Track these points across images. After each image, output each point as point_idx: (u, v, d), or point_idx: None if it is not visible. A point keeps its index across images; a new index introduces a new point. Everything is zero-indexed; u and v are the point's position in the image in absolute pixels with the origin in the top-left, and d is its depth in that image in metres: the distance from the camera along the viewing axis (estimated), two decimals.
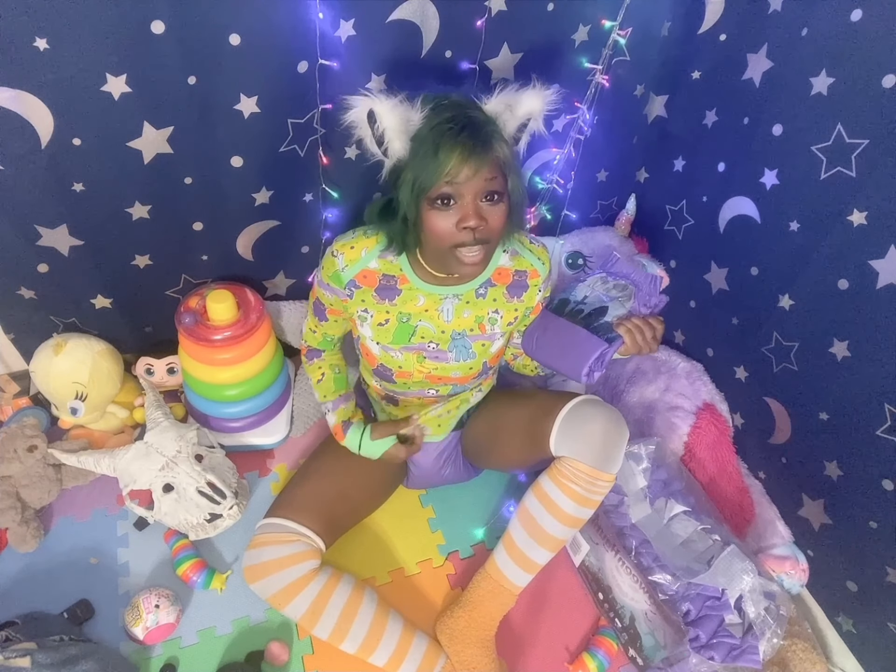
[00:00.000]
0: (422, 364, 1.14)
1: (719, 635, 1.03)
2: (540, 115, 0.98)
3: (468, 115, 0.92)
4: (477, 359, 1.15)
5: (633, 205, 1.61)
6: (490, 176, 0.92)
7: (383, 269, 1.08)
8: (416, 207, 0.94)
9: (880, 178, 0.94)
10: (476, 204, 0.92)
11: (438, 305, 1.10)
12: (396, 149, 0.93)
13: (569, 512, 1.08)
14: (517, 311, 1.15)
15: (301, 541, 1.10)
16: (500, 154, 0.93)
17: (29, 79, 0.96)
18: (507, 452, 1.25)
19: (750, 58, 1.16)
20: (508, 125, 0.97)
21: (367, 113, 0.92)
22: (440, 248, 0.97)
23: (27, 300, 1.28)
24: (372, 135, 0.94)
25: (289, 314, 1.49)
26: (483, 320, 1.13)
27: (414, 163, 0.92)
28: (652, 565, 1.10)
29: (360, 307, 1.11)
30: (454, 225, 0.93)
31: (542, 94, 0.96)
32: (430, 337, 1.12)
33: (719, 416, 1.35)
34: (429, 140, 0.90)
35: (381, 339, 1.12)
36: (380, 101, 0.91)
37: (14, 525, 1.21)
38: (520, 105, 0.96)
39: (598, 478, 1.06)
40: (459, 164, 0.89)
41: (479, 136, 0.90)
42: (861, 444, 1.06)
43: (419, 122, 0.92)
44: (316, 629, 1.07)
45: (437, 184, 0.90)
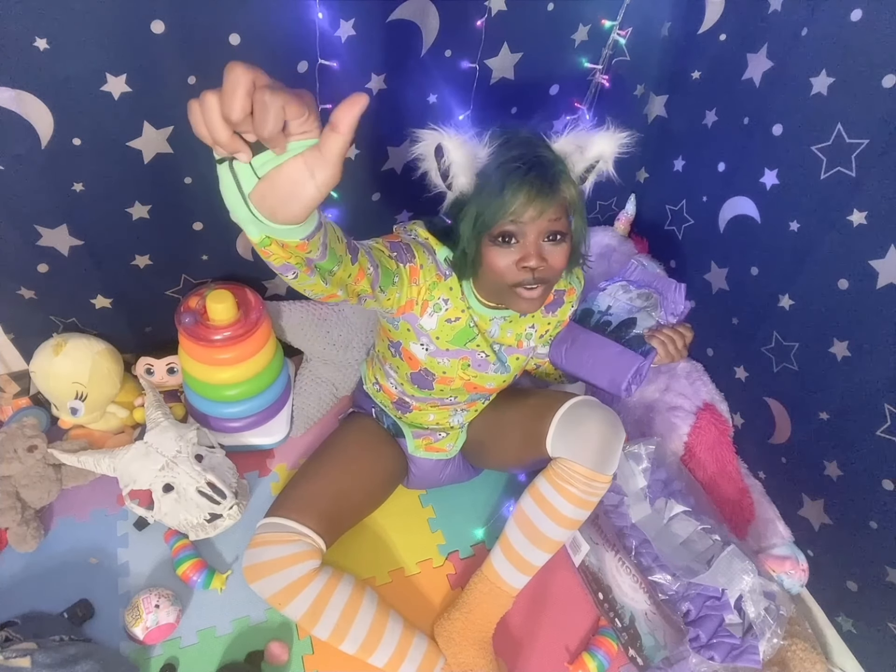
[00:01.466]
0: (465, 371, 1.13)
1: (719, 635, 1.03)
2: (610, 158, 0.96)
3: (537, 154, 0.90)
4: (511, 373, 1.17)
5: (632, 205, 1.61)
6: (555, 217, 0.91)
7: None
8: (477, 243, 0.94)
9: (880, 178, 0.94)
10: (538, 244, 0.92)
11: (488, 327, 1.11)
12: (462, 184, 0.92)
13: (565, 514, 1.07)
14: (550, 324, 1.17)
15: (301, 540, 1.10)
16: (567, 195, 0.92)
17: (29, 79, 0.96)
18: (504, 453, 1.25)
19: (750, 58, 1.16)
20: (577, 166, 0.95)
21: (434, 147, 0.90)
22: (499, 284, 0.96)
23: (27, 300, 1.28)
24: (438, 168, 0.92)
25: (289, 314, 1.49)
26: (521, 337, 1.14)
27: (479, 199, 0.91)
28: (652, 565, 1.10)
29: (443, 294, 1.04)
30: (514, 263, 0.92)
31: (615, 136, 0.95)
32: (483, 346, 1.11)
33: (719, 416, 1.35)
34: (495, 177, 0.89)
35: (443, 335, 1.08)
36: (449, 136, 0.89)
37: (14, 525, 1.21)
38: (591, 147, 0.94)
39: (594, 479, 1.06)
40: (525, 204, 0.88)
41: (547, 177, 0.89)
42: (861, 444, 1.06)
43: (486, 158, 0.91)
44: (316, 629, 1.07)
45: (501, 222, 0.90)
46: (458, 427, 1.28)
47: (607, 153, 0.95)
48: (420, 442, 1.29)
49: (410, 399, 1.23)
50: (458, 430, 1.29)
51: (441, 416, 1.25)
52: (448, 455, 1.31)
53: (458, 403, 1.23)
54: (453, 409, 1.25)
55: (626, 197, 1.61)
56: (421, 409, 1.25)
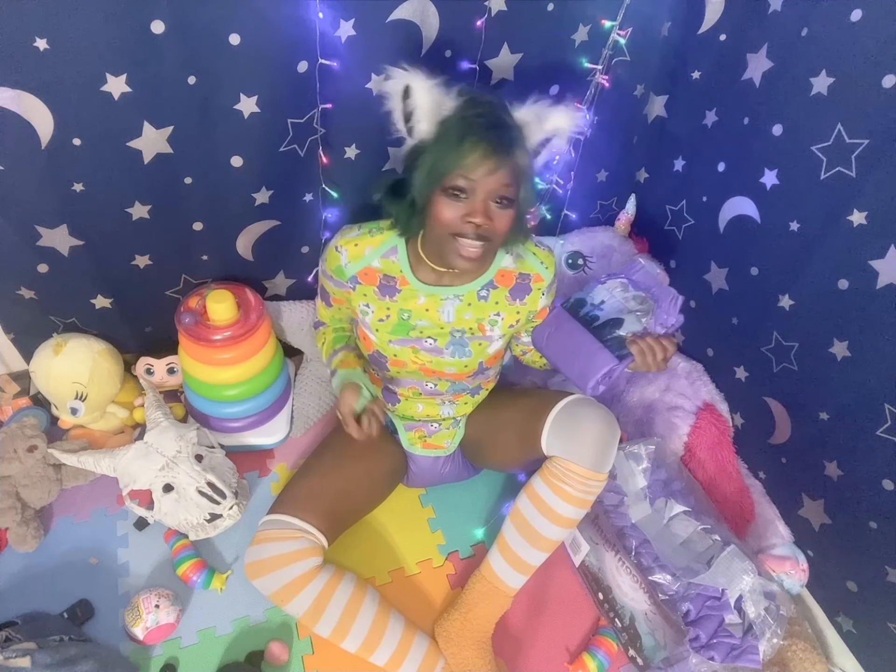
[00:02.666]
0: (417, 355, 1.15)
1: (719, 635, 1.03)
2: (565, 134, 0.99)
3: (499, 115, 0.93)
4: (473, 357, 1.15)
5: (633, 205, 1.61)
6: (506, 181, 0.93)
7: (384, 270, 1.09)
8: (429, 192, 0.95)
9: (880, 178, 0.94)
10: (486, 203, 0.94)
11: (439, 306, 1.10)
12: (422, 130, 0.95)
13: (561, 513, 1.08)
14: (519, 313, 1.15)
15: (304, 537, 1.10)
16: (520, 161, 0.94)
17: (29, 79, 0.96)
18: (502, 452, 1.26)
19: (750, 58, 1.16)
20: (533, 136, 0.98)
21: (403, 87, 0.94)
22: (441, 235, 0.98)
23: (27, 300, 1.28)
24: (402, 110, 0.95)
25: (289, 314, 1.49)
26: (484, 321, 1.13)
27: (436, 147, 0.93)
28: (652, 565, 1.10)
29: (363, 301, 1.12)
30: (460, 217, 0.94)
31: (573, 113, 0.98)
32: (428, 333, 1.12)
33: (719, 416, 1.35)
34: (456, 128, 0.91)
35: (381, 330, 1.13)
36: (419, 78, 0.93)
37: (14, 525, 1.21)
38: (549, 119, 0.97)
39: (590, 478, 1.06)
40: (480, 159, 0.90)
41: (505, 139, 0.91)
42: (861, 444, 1.05)
43: (450, 109, 0.94)
44: (318, 627, 1.07)
45: (454, 173, 0.91)
46: (449, 419, 1.28)
47: (563, 128, 0.98)
48: (414, 436, 1.29)
49: (392, 385, 1.24)
50: (451, 421, 1.28)
51: (429, 407, 1.25)
52: (446, 452, 1.31)
53: (442, 394, 1.23)
54: (439, 399, 1.24)
55: (626, 197, 1.61)
56: (408, 399, 1.25)
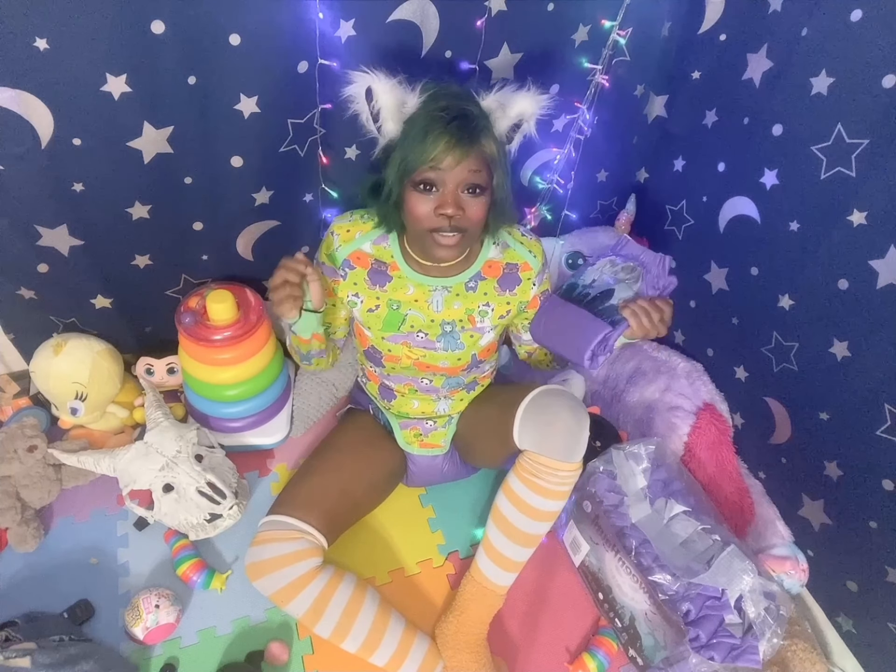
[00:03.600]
0: (410, 350, 1.15)
1: (719, 635, 1.03)
2: (532, 118, 1.01)
3: (462, 107, 0.94)
4: (465, 350, 1.16)
5: (633, 205, 1.61)
6: (474, 168, 0.94)
7: (376, 255, 1.11)
8: (400, 188, 0.98)
9: (880, 178, 0.94)
10: (456, 193, 0.96)
11: (428, 297, 1.12)
12: (389, 129, 0.98)
13: (537, 507, 1.07)
14: (510, 304, 1.15)
15: (304, 538, 1.10)
16: (488, 149, 0.96)
17: (29, 79, 0.96)
18: (485, 449, 1.25)
19: (750, 58, 1.16)
20: (500, 123, 1.00)
21: (365, 90, 0.96)
22: (418, 231, 1.00)
23: (27, 300, 1.28)
24: (369, 111, 0.98)
25: None
26: (473, 312, 1.14)
27: (403, 144, 0.96)
28: (652, 565, 1.09)
29: (352, 290, 1.13)
30: (432, 210, 0.96)
31: (535, 97, 0.99)
32: (419, 326, 1.13)
33: (719, 416, 1.35)
34: (419, 124, 0.94)
35: (372, 325, 1.14)
36: (379, 79, 0.95)
37: (14, 525, 1.21)
38: (512, 105, 0.99)
39: (559, 469, 1.04)
40: (445, 151, 0.92)
41: (468, 128, 0.93)
42: (861, 444, 1.05)
43: (415, 107, 0.96)
44: (318, 627, 1.07)
45: (422, 167, 0.93)
46: (444, 416, 1.28)
47: (528, 113, 1.00)
48: (409, 434, 1.29)
49: (389, 381, 1.24)
50: (446, 419, 1.28)
51: (425, 403, 1.26)
52: (443, 450, 1.31)
53: (437, 391, 1.23)
54: (435, 395, 1.24)
55: (626, 197, 1.61)
56: (404, 395, 1.25)
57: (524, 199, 1.52)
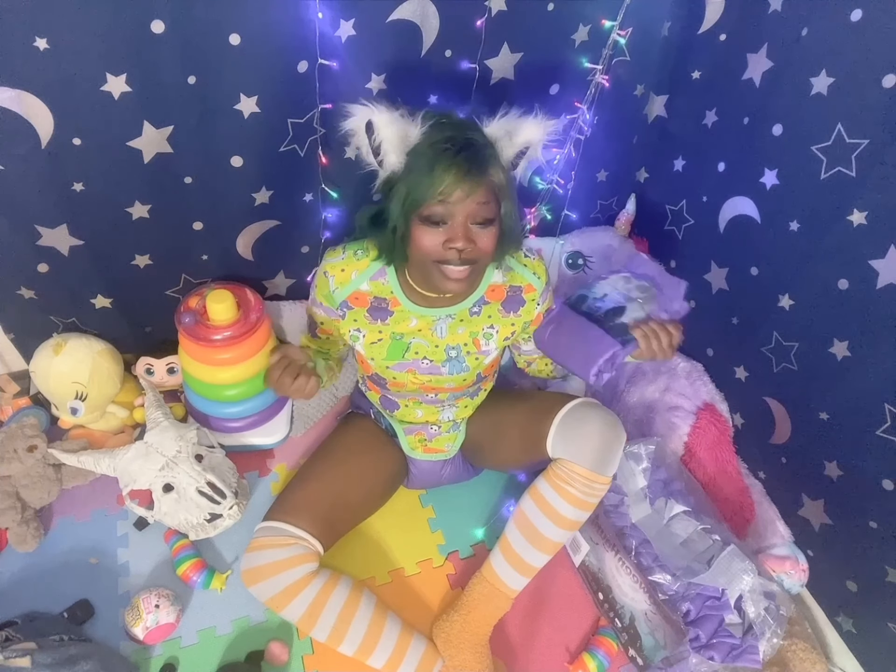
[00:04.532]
0: (415, 376, 1.15)
1: (719, 635, 1.03)
2: (539, 145, 0.98)
3: (467, 136, 0.92)
4: (471, 371, 1.16)
5: (633, 205, 1.61)
6: (483, 200, 0.92)
7: (374, 292, 1.09)
8: (406, 222, 0.94)
9: (880, 178, 0.94)
10: (466, 226, 0.93)
11: (432, 326, 1.11)
12: (392, 162, 0.94)
13: (565, 515, 1.08)
14: (514, 325, 1.15)
15: (298, 544, 1.10)
16: (496, 179, 0.93)
17: (29, 79, 0.96)
18: (505, 453, 1.25)
19: (750, 58, 1.16)
20: (506, 151, 0.97)
21: (365, 123, 0.92)
22: (425, 263, 0.97)
23: (27, 300, 1.28)
24: (369, 145, 0.94)
25: (289, 314, 1.49)
26: (478, 336, 1.13)
27: (408, 177, 0.92)
28: (652, 565, 1.10)
29: (353, 327, 1.12)
30: (441, 244, 0.93)
31: (542, 124, 0.96)
32: (424, 353, 1.12)
33: (719, 416, 1.35)
34: (425, 157, 0.90)
35: (375, 355, 1.13)
36: (379, 112, 0.91)
37: (14, 525, 1.21)
38: (519, 133, 0.96)
39: (594, 480, 1.06)
40: (453, 184, 0.89)
41: (476, 159, 0.90)
42: (861, 444, 1.05)
43: (417, 138, 0.93)
44: (314, 631, 1.07)
45: (429, 202, 0.90)
46: (448, 422, 1.28)
47: (535, 140, 0.97)
48: (414, 440, 1.29)
49: (392, 396, 1.24)
50: (450, 425, 1.28)
51: (429, 412, 1.25)
52: (447, 455, 1.31)
53: (441, 402, 1.23)
54: (440, 405, 1.24)
55: (626, 197, 1.61)
56: (407, 406, 1.25)
57: (524, 199, 1.52)
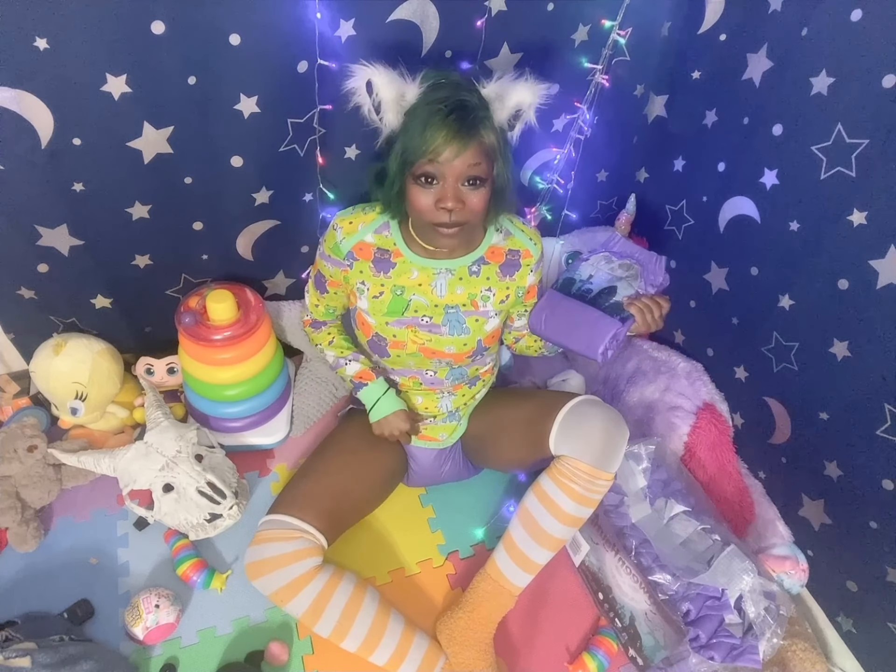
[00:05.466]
0: (416, 334, 1.16)
1: (719, 635, 1.03)
2: (531, 108, 1.01)
3: (461, 98, 0.95)
4: (471, 335, 1.17)
5: (633, 205, 1.60)
6: (474, 161, 0.95)
7: (378, 244, 1.12)
8: (402, 179, 0.99)
9: (880, 178, 0.94)
10: (456, 186, 0.96)
11: (431, 280, 1.13)
12: (390, 120, 0.99)
13: (568, 511, 1.08)
14: (509, 289, 1.17)
15: (303, 537, 1.10)
16: (487, 140, 0.96)
17: (29, 79, 0.96)
18: (506, 452, 1.26)
19: (750, 58, 1.16)
20: (500, 113, 1.00)
21: (365, 83, 0.96)
22: (420, 222, 1.02)
23: (27, 300, 1.28)
24: (371, 103, 0.98)
25: (289, 314, 1.49)
26: (476, 297, 1.15)
27: (403, 136, 0.97)
28: (652, 565, 1.10)
29: (359, 279, 1.14)
30: (433, 203, 0.97)
31: (533, 87, 0.99)
32: (423, 310, 1.14)
33: (719, 416, 1.35)
34: (419, 117, 0.95)
35: (376, 311, 1.15)
36: (378, 72, 0.95)
37: (14, 525, 1.21)
38: (511, 95, 0.99)
39: (597, 477, 1.07)
40: (443, 144, 0.92)
41: (467, 121, 0.93)
42: (861, 444, 1.06)
43: (415, 98, 0.97)
44: (317, 627, 1.07)
45: (421, 160, 0.94)
46: (445, 413, 1.28)
47: (526, 103, 1.00)
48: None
49: (393, 375, 1.25)
50: (445, 415, 1.28)
51: (428, 399, 1.26)
52: (441, 445, 1.31)
53: (441, 383, 1.23)
54: (438, 391, 1.25)
55: (626, 197, 1.61)
56: (407, 390, 1.26)
57: (524, 199, 1.52)
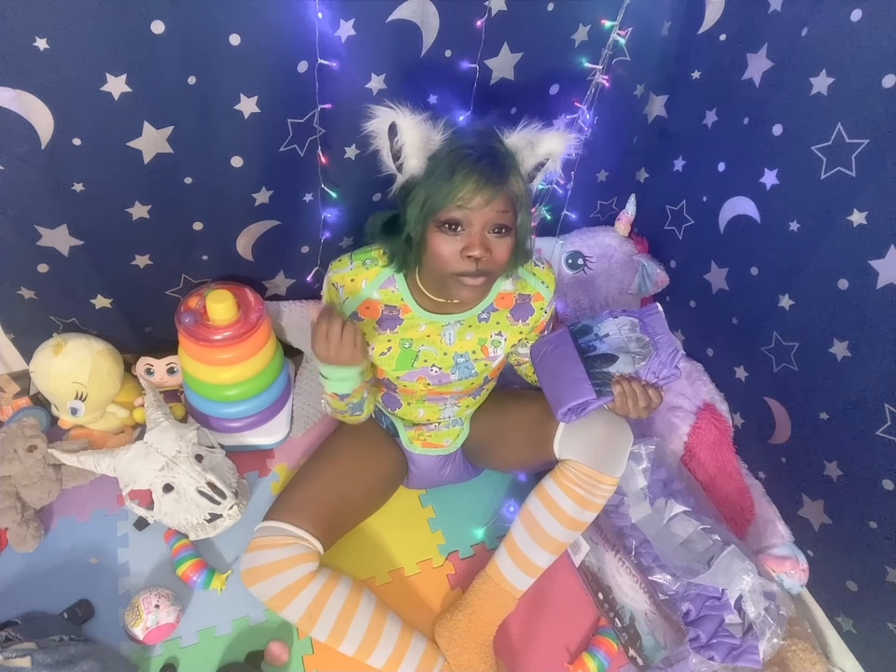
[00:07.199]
0: (426, 385, 1.15)
1: (719, 635, 1.03)
2: (559, 157, 0.98)
3: (489, 144, 0.92)
4: (479, 376, 1.17)
5: (633, 205, 1.61)
6: (501, 209, 0.91)
7: (385, 300, 1.08)
8: (423, 227, 0.94)
9: (880, 178, 0.94)
10: (483, 234, 0.92)
11: (441, 331, 1.10)
12: (413, 166, 0.93)
13: (570, 514, 1.08)
14: (522, 332, 1.16)
15: (298, 543, 1.10)
16: (515, 188, 0.93)
17: (29, 79, 0.95)
18: (509, 453, 1.26)
19: (750, 58, 1.16)
20: (527, 162, 0.97)
21: (388, 125, 0.92)
22: (440, 273, 0.96)
23: (27, 300, 1.28)
24: (390, 148, 0.93)
25: (289, 314, 1.49)
26: (486, 343, 1.13)
27: (428, 182, 0.91)
28: (652, 565, 1.10)
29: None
30: (458, 252, 0.93)
31: (564, 136, 0.97)
32: (432, 360, 1.12)
33: (719, 416, 1.35)
34: (446, 162, 0.90)
35: (385, 366, 1.12)
36: (403, 115, 0.90)
37: (14, 525, 1.21)
38: (541, 144, 0.96)
39: (600, 480, 1.07)
40: (474, 190, 0.88)
41: (497, 167, 0.90)
42: (861, 444, 1.06)
43: (439, 143, 0.92)
44: (314, 631, 1.08)
45: (448, 207, 0.90)
46: (447, 420, 1.28)
47: (556, 152, 0.98)
48: (413, 434, 1.29)
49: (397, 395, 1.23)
50: (448, 421, 1.28)
51: (431, 411, 1.25)
52: (446, 451, 1.31)
53: (445, 399, 1.23)
54: (442, 404, 1.24)
55: (626, 197, 1.61)
56: (410, 405, 1.24)
57: None
